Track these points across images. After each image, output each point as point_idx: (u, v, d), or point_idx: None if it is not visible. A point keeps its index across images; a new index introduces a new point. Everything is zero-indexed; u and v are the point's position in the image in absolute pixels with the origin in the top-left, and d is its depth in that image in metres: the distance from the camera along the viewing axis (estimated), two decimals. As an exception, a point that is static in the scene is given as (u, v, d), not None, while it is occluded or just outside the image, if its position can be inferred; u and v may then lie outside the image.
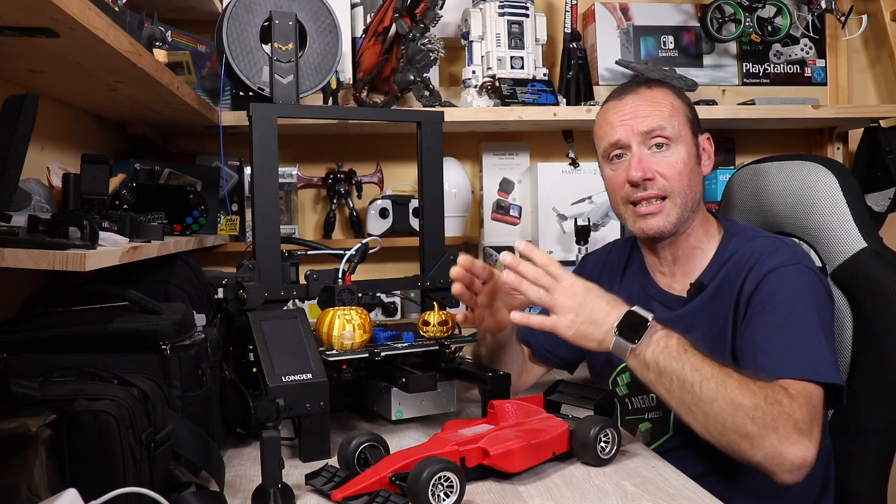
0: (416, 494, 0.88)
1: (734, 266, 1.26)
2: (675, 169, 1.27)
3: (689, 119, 1.32)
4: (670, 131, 1.28)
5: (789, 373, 1.09)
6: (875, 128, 2.08)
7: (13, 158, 0.89)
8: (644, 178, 1.27)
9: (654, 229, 1.28)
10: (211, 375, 1.10)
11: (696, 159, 1.31)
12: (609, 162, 1.33)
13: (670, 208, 1.27)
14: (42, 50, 1.01)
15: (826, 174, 1.37)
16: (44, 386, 0.83)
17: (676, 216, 1.28)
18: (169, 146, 2.04)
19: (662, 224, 1.28)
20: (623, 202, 1.31)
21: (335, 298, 1.27)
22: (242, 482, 1.05)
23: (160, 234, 1.22)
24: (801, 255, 1.25)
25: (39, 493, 0.76)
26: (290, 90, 1.40)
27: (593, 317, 1.11)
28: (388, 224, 2.01)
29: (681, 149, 1.28)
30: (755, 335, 1.17)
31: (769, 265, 1.21)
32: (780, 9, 2.10)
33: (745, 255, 1.25)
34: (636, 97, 1.31)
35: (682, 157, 1.28)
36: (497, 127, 2.05)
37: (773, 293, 1.18)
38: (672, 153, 1.28)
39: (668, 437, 1.28)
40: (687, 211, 1.28)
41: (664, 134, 1.27)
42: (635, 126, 1.28)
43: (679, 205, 1.27)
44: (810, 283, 1.20)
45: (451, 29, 2.04)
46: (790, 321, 1.15)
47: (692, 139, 1.31)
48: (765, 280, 1.20)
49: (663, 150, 1.28)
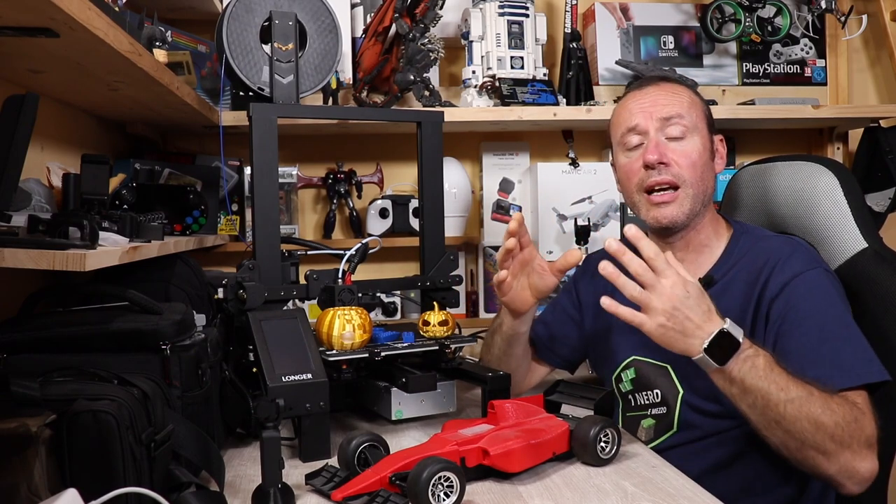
0: (416, 494, 0.88)
1: (748, 265, 1.26)
2: (689, 158, 1.28)
3: (706, 116, 1.33)
4: (688, 121, 1.29)
5: (847, 381, 1.11)
6: (875, 128, 2.08)
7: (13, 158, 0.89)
8: (659, 162, 1.27)
9: (668, 218, 1.28)
10: (211, 375, 1.10)
11: (710, 154, 1.32)
12: (625, 150, 1.33)
13: (683, 198, 1.27)
14: (42, 50, 1.01)
15: (827, 174, 1.37)
16: (44, 386, 0.83)
17: (689, 206, 1.28)
18: (169, 146, 2.04)
19: (676, 213, 1.27)
20: (637, 189, 1.31)
21: (335, 298, 1.27)
22: (242, 482, 1.05)
23: (160, 234, 1.22)
24: (817, 258, 1.27)
25: (39, 493, 0.76)
26: (290, 90, 1.40)
27: (684, 326, 1.07)
28: (388, 224, 2.01)
29: (696, 140, 1.29)
30: (799, 350, 1.16)
31: (792, 270, 1.21)
32: (780, 9, 2.10)
33: (761, 255, 1.26)
34: (657, 88, 1.33)
35: (698, 148, 1.29)
36: (497, 127, 2.05)
37: (803, 301, 1.18)
38: (688, 143, 1.28)
39: (673, 433, 1.28)
40: (698, 203, 1.29)
41: (682, 123, 1.28)
42: (654, 112, 1.29)
43: (691, 195, 1.28)
44: (833, 285, 1.22)
45: (451, 29, 2.04)
46: (830, 328, 1.16)
47: (708, 135, 1.32)
48: (790, 286, 1.20)
49: (679, 139, 1.28)
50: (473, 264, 2.16)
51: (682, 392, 1.27)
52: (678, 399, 1.27)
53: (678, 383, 1.28)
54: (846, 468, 1.07)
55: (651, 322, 1.08)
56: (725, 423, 1.22)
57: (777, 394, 1.06)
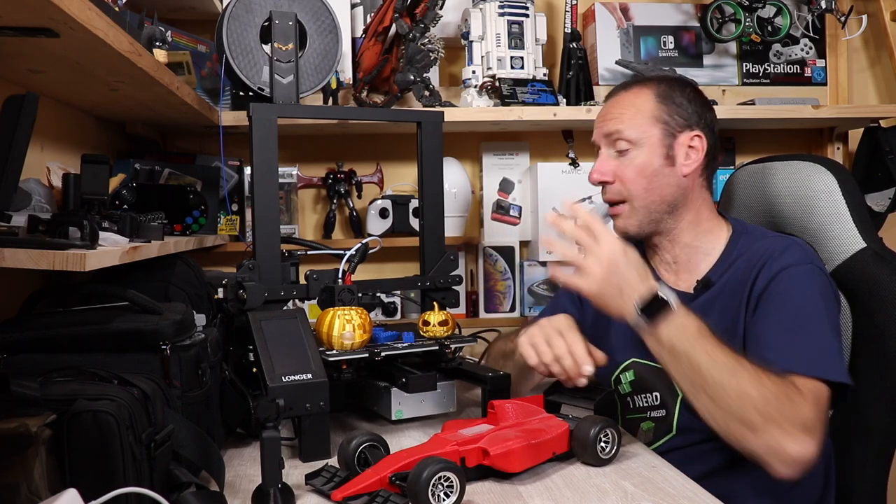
0: (416, 494, 0.88)
1: (744, 265, 1.26)
2: (631, 172, 1.29)
3: (661, 120, 1.29)
4: (630, 134, 1.29)
5: (799, 368, 1.10)
6: (875, 128, 2.08)
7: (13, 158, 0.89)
8: (599, 181, 1.31)
9: (618, 230, 1.32)
10: (211, 375, 1.10)
11: (664, 160, 1.29)
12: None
13: (629, 211, 1.30)
14: (42, 50, 1.01)
15: (826, 174, 1.36)
16: (44, 386, 0.83)
17: (637, 220, 1.30)
18: (169, 146, 2.04)
19: (624, 225, 1.32)
20: None
21: (335, 298, 1.27)
22: (242, 482, 1.05)
23: (160, 234, 1.21)
24: (811, 256, 1.26)
25: (39, 493, 0.76)
26: (290, 90, 1.40)
27: (620, 287, 1.11)
28: (388, 224, 2.01)
29: (643, 152, 1.28)
30: (764, 333, 1.17)
31: (781, 264, 1.21)
32: (780, 9, 2.10)
33: (756, 254, 1.26)
34: (613, 100, 1.35)
35: (642, 160, 1.28)
36: (497, 127, 2.05)
37: (784, 293, 1.19)
38: (631, 157, 1.29)
39: (672, 436, 1.28)
40: (652, 213, 1.30)
41: (623, 137, 1.29)
42: (602, 127, 1.33)
43: (638, 208, 1.29)
44: (821, 283, 1.21)
45: (451, 29, 2.04)
46: (800, 321, 1.16)
47: (662, 140, 1.29)
48: (776, 278, 1.20)
49: (624, 154, 1.30)
50: (473, 264, 2.16)
51: (682, 395, 1.26)
52: (677, 402, 1.27)
53: (677, 386, 1.27)
54: (773, 446, 1.05)
55: (586, 282, 1.13)
56: None
57: (704, 359, 1.07)
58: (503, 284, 2.13)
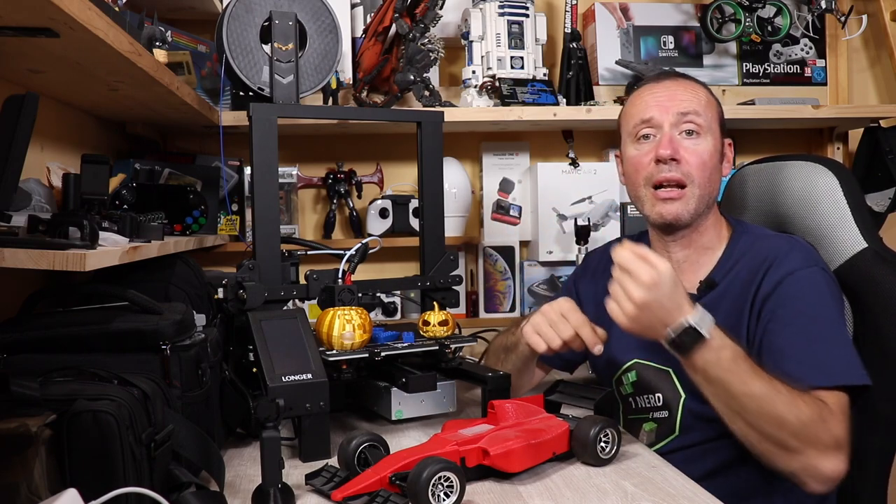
0: (416, 494, 0.88)
1: (747, 265, 1.26)
2: (701, 158, 1.26)
3: (720, 117, 1.32)
4: (703, 120, 1.27)
5: (823, 381, 1.11)
6: (875, 128, 2.08)
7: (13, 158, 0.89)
8: (672, 158, 1.25)
9: (672, 214, 1.27)
10: (211, 375, 1.10)
11: (719, 156, 1.31)
12: (636, 141, 1.32)
13: (689, 197, 1.27)
14: (42, 50, 1.01)
15: (827, 174, 1.37)
16: (44, 386, 0.83)
17: (694, 205, 1.27)
18: (169, 146, 2.04)
19: (680, 211, 1.27)
20: (645, 183, 1.30)
21: (335, 298, 1.27)
22: (242, 482, 1.05)
23: (160, 234, 1.21)
24: (815, 257, 1.25)
25: (39, 493, 0.75)
26: (290, 90, 1.40)
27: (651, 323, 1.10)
28: (388, 224, 2.01)
29: (709, 140, 1.28)
30: (781, 343, 1.17)
31: (787, 268, 1.21)
32: (780, 9, 2.10)
33: (759, 254, 1.25)
34: (674, 82, 1.31)
35: (710, 148, 1.28)
36: (497, 127, 2.05)
37: (795, 299, 1.18)
38: (701, 142, 1.27)
39: (674, 437, 1.28)
40: (703, 204, 1.28)
41: (697, 121, 1.27)
42: (671, 107, 1.28)
43: (697, 195, 1.27)
44: (828, 285, 1.21)
45: (451, 29, 2.04)
46: (817, 327, 1.16)
47: (720, 137, 1.31)
48: (783, 283, 1.20)
49: (693, 137, 1.27)
50: (473, 264, 2.16)
51: (685, 396, 1.26)
52: (680, 403, 1.27)
53: (680, 387, 1.27)
54: (809, 467, 1.07)
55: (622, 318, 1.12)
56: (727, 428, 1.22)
57: (739, 387, 1.07)
58: (503, 284, 2.13)
